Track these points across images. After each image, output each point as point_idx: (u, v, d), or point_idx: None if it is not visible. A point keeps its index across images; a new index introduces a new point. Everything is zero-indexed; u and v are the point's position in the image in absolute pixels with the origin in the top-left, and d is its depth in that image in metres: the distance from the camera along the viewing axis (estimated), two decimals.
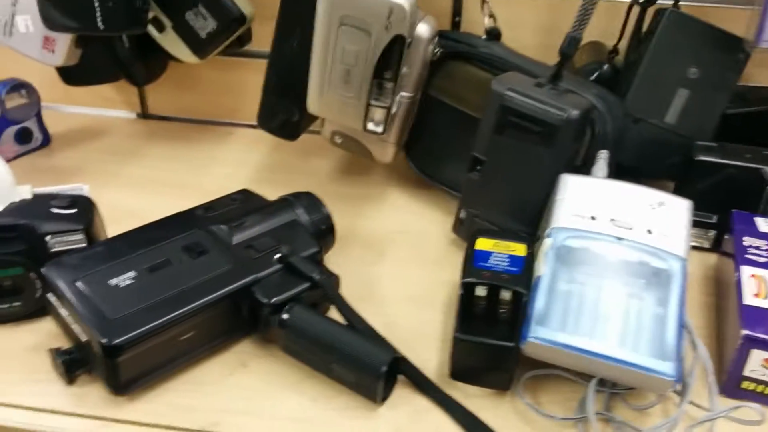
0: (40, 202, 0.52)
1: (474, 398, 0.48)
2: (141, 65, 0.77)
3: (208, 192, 0.62)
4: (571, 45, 0.54)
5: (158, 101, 0.88)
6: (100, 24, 0.62)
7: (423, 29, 0.59)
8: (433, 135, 0.68)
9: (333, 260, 0.60)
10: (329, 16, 0.54)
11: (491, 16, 0.67)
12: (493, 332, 0.48)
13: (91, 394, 0.47)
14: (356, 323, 0.49)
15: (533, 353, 0.46)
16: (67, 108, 0.87)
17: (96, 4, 0.61)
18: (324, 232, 0.58)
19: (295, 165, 0.79)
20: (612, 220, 0.50)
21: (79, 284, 0.46)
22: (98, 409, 0.46)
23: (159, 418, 0.45)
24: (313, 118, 0.70)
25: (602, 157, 0.55)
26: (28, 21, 0.67)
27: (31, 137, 0.77)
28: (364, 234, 0.66)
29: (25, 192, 0.52)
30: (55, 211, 0.51)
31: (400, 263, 0.62)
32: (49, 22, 0.63)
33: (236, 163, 0.79)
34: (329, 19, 0.55)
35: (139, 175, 0.75)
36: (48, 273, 0.47)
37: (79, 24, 0.62)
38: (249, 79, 0.85)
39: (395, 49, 0.55)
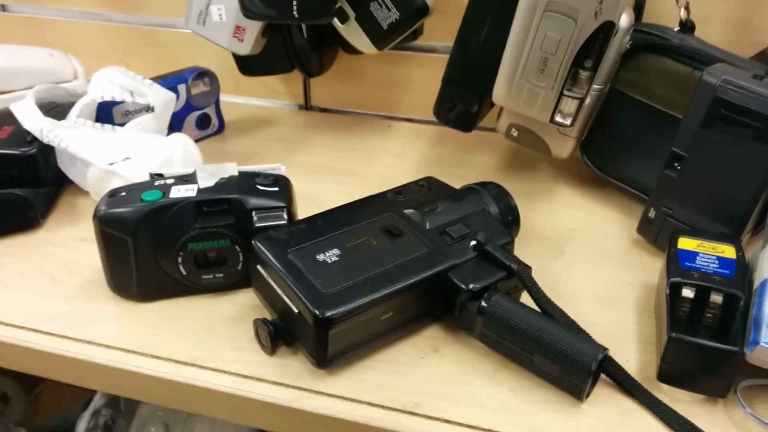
0: (246, 179, 0.54)
1: (683, 403, 0.45)
2: (315, 56, 0.79)
3: (377, 180, 0.63)
4: None
5: (321, 93, 0.91)
6: (295, 12, 0.64)
7: (623, 18, 0.57)
8: (614, 131, 0.66)
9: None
10: (534, 2, 0.53)
11: (686, 7, 0.64)
12: (703, 336, 0.45)
13: (293, 366, 0.48)
14: (557, 316, 0.48)
15: (758, 360, 0.42)
16: (236, 98, 0.91)
17: None
18: (510, 224, 0.57)
19: (458, 159, 0.78)
20: None
21: (290, 257, 0.48)
22: (301, 380, 0.47)
23: (361, 394, 0.46)
24: (487, 111, 0.69)
25: None
26: (222, 10, 0.71)
27: (209, 123, 0.82)
28: (539, 229, 0.64)
29: (232, 169, 0.54)
30: (261, 188, 0.53)
31: (581, 261, 0.60)
32: (248, 10, 0.65)
33: (398, 155, 0.79)
34: (533, 5, 0.54)
35: (309, 162, 0.77)
36: (259, 245, 0.49)
37: (276, 12, 0.65)
38: (412, 73, 0.85)
39: (599, 37, 0.54)
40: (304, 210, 0.56)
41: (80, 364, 0.50)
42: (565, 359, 0.44)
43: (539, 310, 0.49)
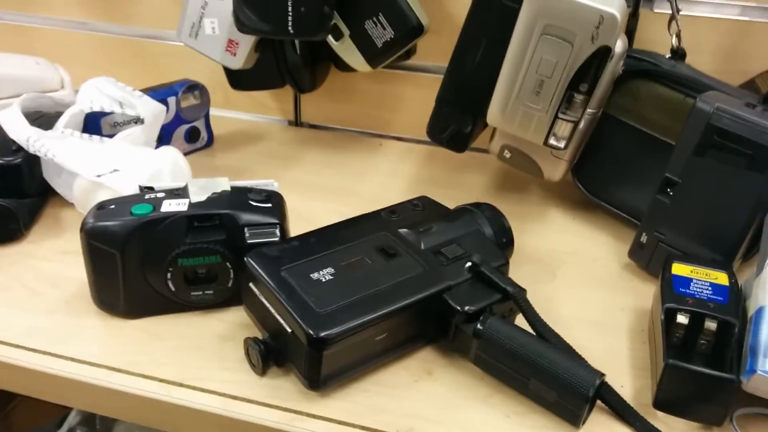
0: (239, 195, 0.53)
1: None
2: (308, 72, 0.78)
3: (367, 199, 0.63)
4: None
5: (311, 110, 0.90)
6: (290, 28, 0.64)
7: (618, 43, 0.57)
8: (606, 155, 0.66)
9: None
10: (531, 25, 0.54)
11: (678, 35, 0.64)
12: (697, 362, 0.45)
13: (284, 387, 0.47)
14: (553, 340, 0.47)
15: (755, 388, 0.42)
16: (226, 112, 0.91)
17: (289, 9, 0.63)
18: (504, 245, 0.56)
19: (449, 179, 0.78)
20: None
21: (283, 275, 0.47)
22: (292, 402, 0.46)
23: (355, 418, 0.45)
24: (480, 132, 0.69)
25: None
26: (215, 24, 0.70)
27: (198, 137, 0.81)
28: (531, 252, 0.64)
29: (224, 183, 0.53)
30: (253, 203, 0.52)
31: (573, 284, 0.60)
32: (242, 24, 0.65)
33: (389, 174, 0.79)
34: (530, 28, 0.54)
35: (299, 179, 0.76)
36: (251, 262, 0.48)
37: (271, 27, 0.64)
38: (404, 92, 0.85)
39: (594, 62, 0.54)
40: (294, 227, 0.55)
41: (62, 382, 0.48)
42: (561, 385, 0.44)
43: (534, 334, 0.48)
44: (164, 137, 0.75)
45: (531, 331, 0.48)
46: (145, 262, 0.51)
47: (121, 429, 0.94)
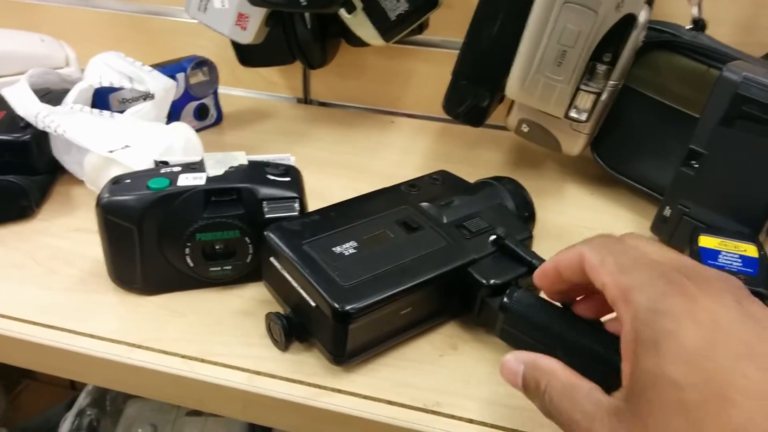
0: (256, 169, 0.52)
1: None
2: (318, 48, 0.77)
3: (382, 175, 0.61)
4: None
5: (320, 87, 0.89)
6: (303, 0, 0.63)
7: (642, 12, 0.56)
8: (626, 129, 0.65)
9: None
10: None
11: (699, 5, 0.63)
12: None
13: (307, 362, 0.46)
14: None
15: None
16: (233, 90, 0.89)
17: None
18: (527, 219, 0.56)
19: (463, 155, 0.77)
20: None
21: (305, 248, 0.46)
22: (316, 377, 0.45)
23: (380, 392, 0.44)
24: (497, 106, 0.68)
25: None
26: None
27: (207, 114, 0.79)
28: (550, 227, 0.63)
29: (241, 157, 0.52)
30: (271, 177, 0.51)
31: None
32: None
33: (403, 151, 0.78)
34: None
35: (311, 156, 0.75)
36: (272, 236, 0.47)
37: (283, 0, 0.63)
38: (415, 68, 0.84)
39: (618, 31, 0.53)
40: (312, 204, 0.54)
41: (82, 359, 0.47)
42: (590, 358, 0.43)
43: (560, 307, 0.47)
44: (173, 114, 0.74)
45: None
46: (163, 238, 0.50)
47: (131, 410, 0.94)
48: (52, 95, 0.67)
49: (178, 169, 0.51)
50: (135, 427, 0.93)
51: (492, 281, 0.47)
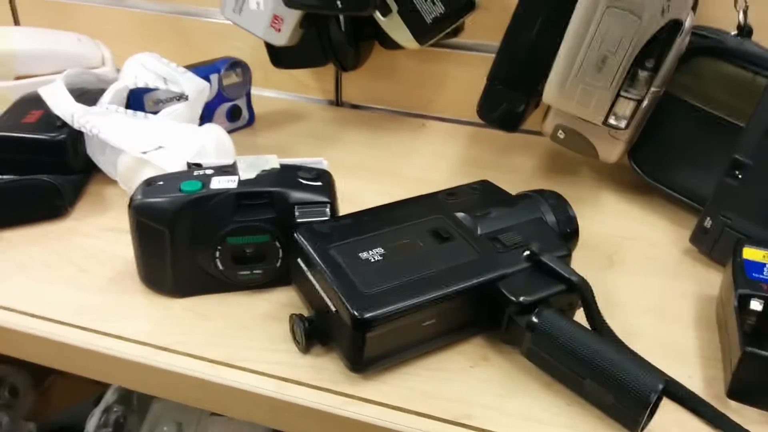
0: (288, 172, 0.51)
1: (753, 423, 0.42)
2: (351, 50, 0.77)
3: (411, 180, 0.61)
4: None
5: (352, 89, 0.88)
6: (338, 2, 0.62)
7: (687, 18, 0.54)
8: (666, 136, 0.63)
9: None
10: None
11: (745, 11, 0.61)
12: None
13: (329, 368, 0.46)
14: (609, 336, 0.45)
15: None
16: (265, 91, 0.89)
17: None
18: (569, 236, 0.53)
19: (496, 161, 0.76)
20: None
21: (331, 252, 0.45)
22: (340, 385, 0.44)
23: (408, 403, 0.43)
24: (532, 111, 0.67)
25: None
26: None
27: (240, 115, 0.79)
28: (584, 236, 0.60)
29: (273, 161, 0.52)
30: (303, 182, 0.51)
31: (631, 271, 0.58)
32: None
33: (434, 155, 0.77)
34: (596, 1, 0.51)
35: (342, 159, 0.74)
36: (300, 238, 0.47)
37: (318, 1, 0.63)
38: (448, 71, 0.83)
39: (662, 37, 0.51)
40: (343, 209, 0.53)
41: (110, 360, 0.47)
42: (619, 388, 0.41)
43: (592, 331, 0.46)
44: (206, 115, 0.74)
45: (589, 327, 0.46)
46: (194, 240, 0.49)
47: (157, 408, 0.94)
48: (88, 95, 0.67)
49: (211, 171, 0.51)
50: (161, 425, 0.94)
51: (521, 298, 0.45)
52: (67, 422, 1.07)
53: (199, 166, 0.52)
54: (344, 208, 0.53)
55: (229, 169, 0.51)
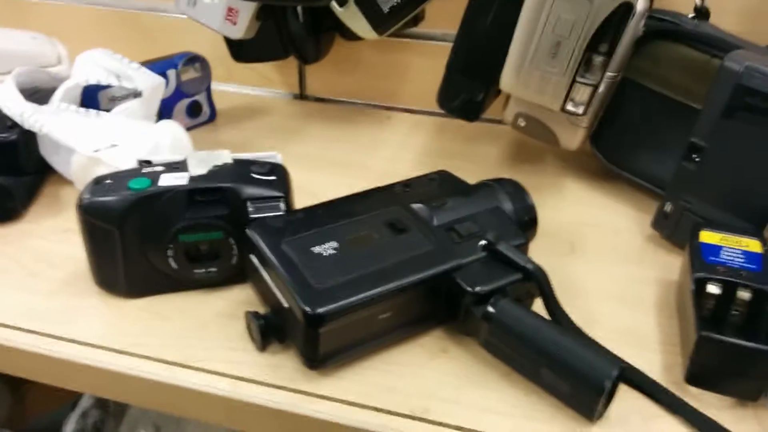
0: (241, 167, 0.50)
1: (711, 408, 0.42)
2: (312, 42, 0.75)
3: (376, 173, 0.60)
4: None
5: (316, 82, 0.87)
6: None
7: (640, 1, 0.54)
8: (626, 122, 0.63)
9: None
10: None
11: None
12: (730, 334, 0.43)
13: (286, 366, 0.45)
14: (566, 325, 0.45)
15: None
16: (228, 86, 0.88)
17: None
18: (527, 224, 0.53)
19: (460, 151, 0.75)
20: None
21: (284, 247, 0.45)
22: (296, 382, 0.44)
23: (366, 398, 0.43)
24: (493, 100, 0.66)
25: None
26: None
27: (200, 111, 0.78)
28: (547, 225, 0.60)
29: (225, 156, 0.51)
30: (256, 176, 0.50)
31: (592, 258, 0.57)
32: None
33: (398, 147, 0.76)
34: None
35: (306, 153, 0.74)
36: (253, 233, 0.46)
37: None
38: (412, 62, 0.82)
39: (615, 20, 0.51)
40: (302, 202, 0.52)
41: (64, 365, 0.46)
42: (574, 375, 0.41)
43: (549, 320, 0.45)
44: (165, 112, 0.72)
45: (547, 317, 0.46)
46: (145, 239, 0.48)
47: (134, 411, 0.93)
48: (41, 94, 0.66)
49: (161, 168, 0.50)
50: (138, 428, 0.93)
51: (477, 288, 0.45)
52: (45, 428, 1.06)
53: (149, 163, 0.51)
54: (307, 202, 0.52)
55: (179, 166, 0.50)
